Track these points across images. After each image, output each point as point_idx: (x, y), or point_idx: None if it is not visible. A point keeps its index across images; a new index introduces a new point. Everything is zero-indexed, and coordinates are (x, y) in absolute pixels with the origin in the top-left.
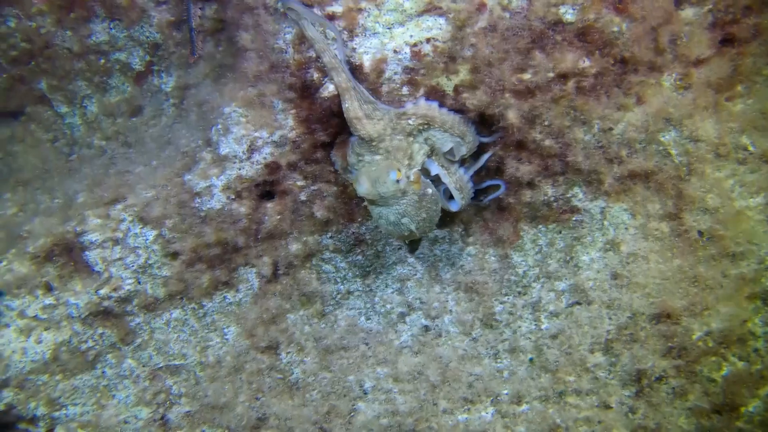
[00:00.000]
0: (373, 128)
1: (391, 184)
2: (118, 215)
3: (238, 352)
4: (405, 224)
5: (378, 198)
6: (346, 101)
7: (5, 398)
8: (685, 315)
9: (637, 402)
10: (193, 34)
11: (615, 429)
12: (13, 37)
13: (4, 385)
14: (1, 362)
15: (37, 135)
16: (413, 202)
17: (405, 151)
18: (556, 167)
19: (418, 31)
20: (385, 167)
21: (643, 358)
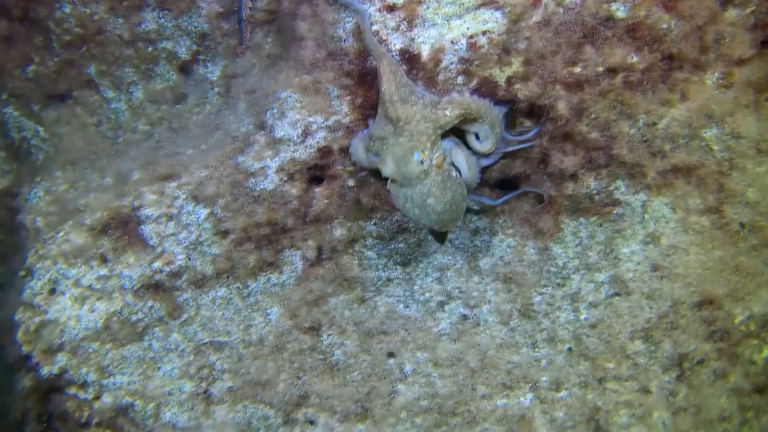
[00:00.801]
0: (403, 111)
1: (416, 164)
2: (173, 192)
3: (281, 332)
4: (431, 205)
5: (403, 179)
6: (384, 83)
7: (59, 362)
8: (728, 300)
9: (678, 386)
10: (242, 24)
11: (656, 411)
12: (68, 22)
13: (58, 350)
14: (57, 327)
15: (82, 118)
16: (437, 182)
17: (429, 137)
18: (600, 160)
19: (474, 23)
20: (410, 148)
21: (684, 343)
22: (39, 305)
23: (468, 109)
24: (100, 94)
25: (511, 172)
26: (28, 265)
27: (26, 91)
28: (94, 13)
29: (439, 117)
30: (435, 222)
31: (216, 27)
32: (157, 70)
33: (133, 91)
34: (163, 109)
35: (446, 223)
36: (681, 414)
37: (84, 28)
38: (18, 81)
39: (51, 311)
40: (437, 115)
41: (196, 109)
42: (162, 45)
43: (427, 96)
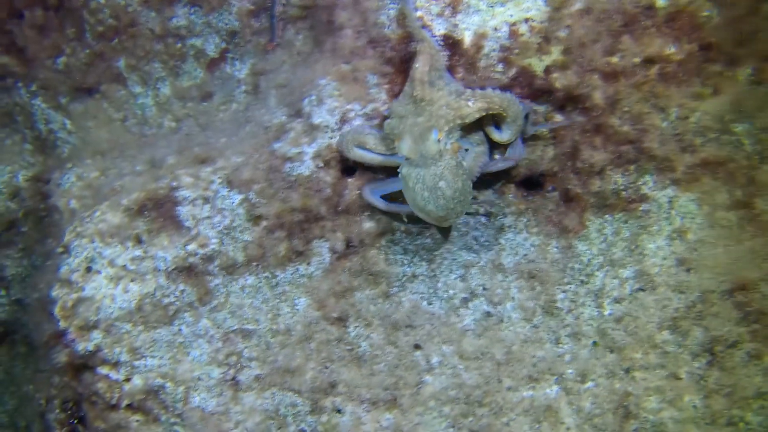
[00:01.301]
0: (429, 93)
1: (433, 143)
2: (209, 176)
3: (309, 322)
4: (441, 189)
5: (419, 158)
6: (419, 62)
7: (95, 339)
8: (763, 283)
9: (709, 370)
10: (274, 21)
11: (687, 395)
12: (102, 12)
13: (94, 327)
14: (93, 304)
15: (109, 113)
16: (451, 167)
17: (448, 122)
18: (629, 155)
19: (517, 10)
20: (428, 127)
21: (716, 328)
22: (76, 282)
23: (491, 103)
24: (127, 88)
25: (539, 169)
26: (65, 242)
27: (55, 83)
28: (128, 5)
29: (461, 106)
30: (442, 208)
31: (246, 25)
32: (184, 67)
33: (160, 87)
34: (189, 106)
35: (451, 212)
36: (713, 396)
37: (118, 19)
38: (48, 72)
39: (87, 288)
40: (459, 104)
41: (222, 106)
42: (191, 42)
43: (453, 85)
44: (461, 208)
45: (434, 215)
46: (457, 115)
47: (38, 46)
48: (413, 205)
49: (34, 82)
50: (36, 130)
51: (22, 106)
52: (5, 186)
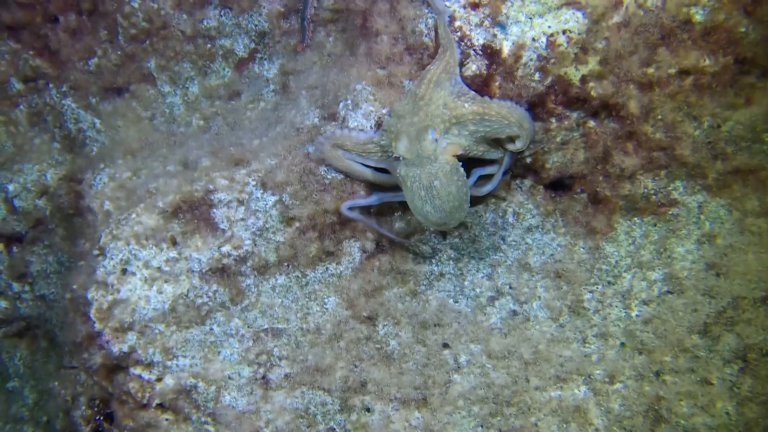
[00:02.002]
0: (430, 91)
1: (430, 141)
2: (243, 179)
3: (338, 321)
4: (437, 188)
5: (415, 157)
6: (434, 64)
7: (129, 340)
8: None
9: (742, 377)
10: (305, 23)
11: (719, 401)
12: (136, 16)
13: (129, 328)
14: (129, 306)
15: (137, 112)
16: (445, 170)
17: (443, 122)
18: (661, 160)
19: (556, 22)
20: (424, 126)
21: (749, 336)
22: (112, 284)
23: (488, 109)
24: (157, 88)
25: (569, 171)
26: (101, 244)
27: (86, 84)
28: (161, 8)
29: (457, 106)
30: (438, 210)
31: (276, 26)
32: (213, 67)
33: (189, 87)
34: (218, 104)
35: (447, 216)
36: (747, 403)
37: (150, 22)
38: (79, 73)
39: (123, 290)
40: (456, 104)
41: (250, 105)
42: (221, 42)
43: (459, 86)
44: (458, 213)
45: (432, 217)
46: (453, 114)
47: (71, 49)
48: (412, 205)
49: (65, 83)
50: (65, 129)
51: (52, 106)
52: (33, 184)
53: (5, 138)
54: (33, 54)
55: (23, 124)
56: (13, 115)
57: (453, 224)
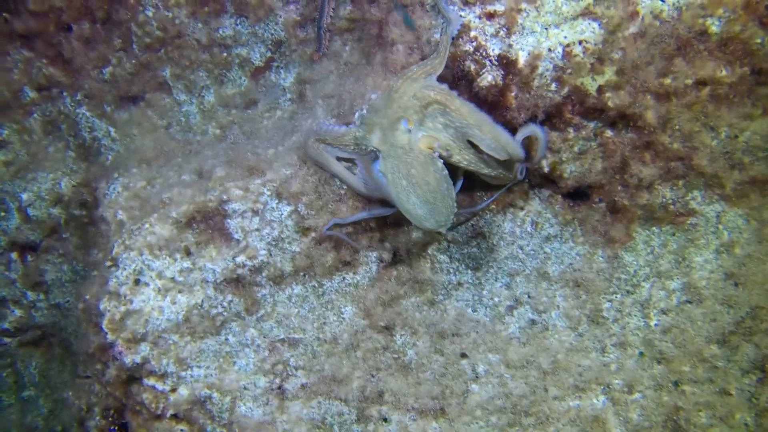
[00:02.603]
0: (403, 84)
1: (402, 131)
2: (258, 188)
3: (355, 331)
4: (415, 176)
5: (389, 148)
6: (420, 65)
7: (142, 351)
8: None
9: (760, 388)
10: (322, 32)
11: (738, 412)
12: (150, 24)
13: (142, 339)
14: (142, 317)
15: (153, 120)
16: (420, 160)
17: (416, 111)
18: (679, 170)
19: (572, 32)
20: (397, 118)
21: None
22: (125, 295)
23: (450, 102)
24: (172, 96)
25: (587, 181)
26: (114, 255)
27: (101, 92)
28: (176, 17)
29: (424, 96)
30: (422, 199)
31: (292, 35)
32: (229, 75)
33: (205, 95)
34: (234, 113)
35: (433, 208)
36: (766, 414)
37: (165, 31)
38: (94, 82)
39: (136, 301)
40: (423, 93)
41: (266, 114)
42: (237, 51)
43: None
44: (443, 205)
45: (419, 209)
46: (422, 104)
47: (85, 58)
48: (398, 201)
49: (80, 92)
50: (80, 137)
51: (67, 114)
52: (48, 193)
53: (19, 146)
54: (46, 62)
55: (37, 133)
56: (27, 123)
57: (440, 220)
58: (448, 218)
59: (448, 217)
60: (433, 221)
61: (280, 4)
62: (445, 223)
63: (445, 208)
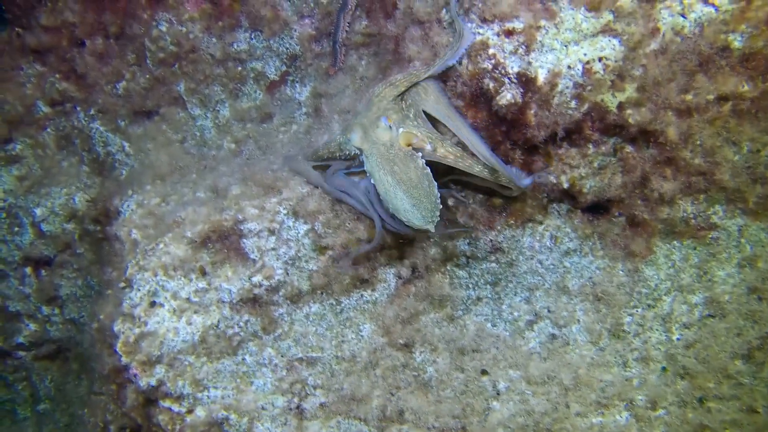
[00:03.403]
0: (384, 89)
1: (383, 128)
2: (274, 207)
3: (374, 349)
4: (397, 173)
5: (371, 145)
6: (405, 74)
7: (158, 374)
8: None
9: None
10: (337, 47)
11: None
12: (164, 40)
13: (157, 361)
14: (157, 339)
15: (168, 135)
16: (402, 157)
17: (396, 112)
18: (700, 185)
19: (592, 49)
20: (376, 116)
21: None
22: (139, 317)
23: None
24: (187, 111)
25: (606, 195)
26: (128, 275)
27: (115, 107)
28: (189, 32)
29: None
30: (408, 194)
31: (308, 49)
32: (244, 89)
33: (219, 109)
34: (249, 127)
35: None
36: None
37: (179, 46)
38: (108, 97)
39: (151, 323)
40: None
41: (282, 128)
42: (251, 65)
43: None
44: (427, 201)
45: (405, 203)
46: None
47: (98, 73)
48: (385, 195)
49: (93, 107)
50: (94, 152)
51: (80, 129)
52: (62, 208)
53: (33, 161)
54: (60, 77)
55: (51, 147)
56: (40, 138)
57: (427, 216)
58: (433, 214)
59: (433, 213)
60: (420, 216)
61: (295, 18)
62: (432, 219)
63: (430, 204)
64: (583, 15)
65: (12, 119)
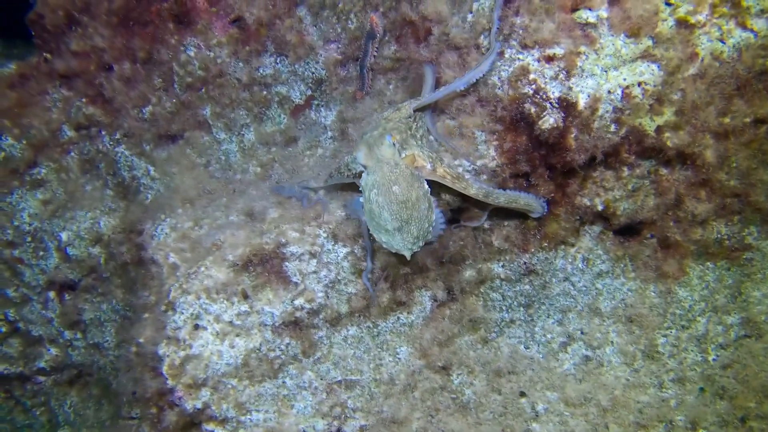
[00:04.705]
0: (392, 114)
1: (387, 146)
2: (314, 231)
3: (412, 371)
4: (395, 193)
5: (375, 163)
6: (410, 102)
7: (203, 397)
8: None
9: None
10: (365, 71)
11: None
12: (192, 64)
13: (203, 384)
14: (201, 362)
15: (192, 158)
16: (405, 175)
17: (400, 133)
18: (734, 206)
19: (631, 74)
20: (381, 134)
21: None
22: (184, 340)
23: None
24: (212, 135)
25: (638, 217)
26: (171, 299)
27: (140, 131)
28: (217, 57)
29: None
30: (396, 215)
31: (333, 73)
32: (269, 113)
33: (245, 133)
34: (274, 151)
35: (405, 225)
36: None
37: (206, 70)
38: (134, 121)
39: (195, 346)
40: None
41: (307, 152)
42: (276, 89)
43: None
44: (416, 226)
45: (389, 224)
46: (406, 126)
47: (125, 97)
48: (370, 217)
49: (119, 131)
50: (119, 176)
51: (105, 153)
52: (87, 232)
53: (57, 185)
54: (86, 102)
55: (74, 171)
56: (64, 162)
57: (408, 241)
58: (416, 241)
59: (417, 240)
60: (399, 240)
61: (320, 43)
62: (412, 246)
63: (417, 230)
64: (623, 41)
65: (38, 144)
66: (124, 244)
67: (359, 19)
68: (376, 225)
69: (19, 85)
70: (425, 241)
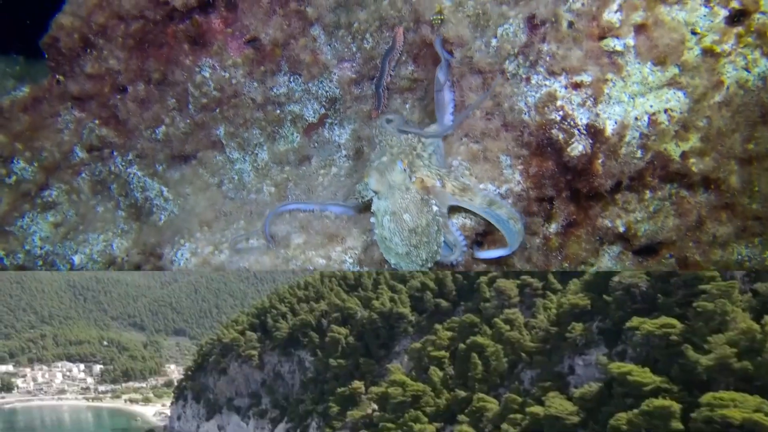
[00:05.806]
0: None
1: (399, 171)
2: (340, 257)
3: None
4: (406, 221)
5: (386, 189)
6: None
7: None
8: None
9: None
10: (381, 90)
11: None
12: (207, 85)
13: None
14: None
15: (204, 178)
16: (416, 201)
17: (407, 155)
18: (755, 228)
19: (658, 102)
20: (391, 160)
21: None
22: None
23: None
24: (225, 154)
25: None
26: None
27: (153, 152)
28: (232, 78)
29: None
30: (404, 242)
31: (347, 92)
32: (282, 132)
33: (258, 153)
34: (287, 170)
35: (413, 250)
36: None
37: (221, 91)
38: (147, 142)
39: None
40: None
41: (321, 171)
42: (290, 108)
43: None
44: (425, 250)
45: (399, 249)
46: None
47: (139, 118)
48: (380, 240)
49: (132, 152)
50: (131, 197)
51: (117, 174)
52: (100, 255)
53: (68, 207)
54: (99, 123)
55: (85, 193)
56: (75, 183)
57: (418, 263)
58: (425, 263)
59: (426, 262)
60: (407, 264)
61: (334, 61)
62: (422, 266)
63: (426, 253)
64: (649, 69)
65: (49, 166)
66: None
67: (375, 39)
68: (387, 248)
69: (32, 108)
70: (447, 262)
